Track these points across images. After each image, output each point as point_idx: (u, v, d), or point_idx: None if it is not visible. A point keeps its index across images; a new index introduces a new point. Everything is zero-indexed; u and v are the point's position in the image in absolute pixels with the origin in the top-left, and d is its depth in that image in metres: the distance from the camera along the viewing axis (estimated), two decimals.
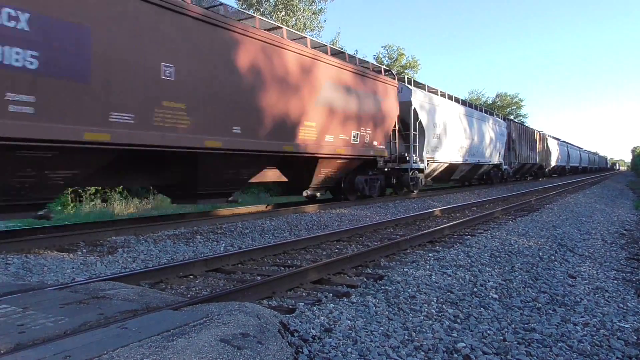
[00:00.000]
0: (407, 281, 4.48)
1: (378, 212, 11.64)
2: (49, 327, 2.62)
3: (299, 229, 8.77)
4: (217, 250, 6.65)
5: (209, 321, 2.72)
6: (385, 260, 5.87)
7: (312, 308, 3.69)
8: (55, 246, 6.41)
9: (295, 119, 9.93)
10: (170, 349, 2.26)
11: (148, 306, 3.14)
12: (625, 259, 6.41)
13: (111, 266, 5.56)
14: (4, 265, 5.26)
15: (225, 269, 5.45)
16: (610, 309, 4.03)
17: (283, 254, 6.35)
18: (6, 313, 2.87)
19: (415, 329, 3.31)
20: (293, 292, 4.46)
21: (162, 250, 6.51)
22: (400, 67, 35.01)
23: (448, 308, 3.77)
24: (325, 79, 10.88)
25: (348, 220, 10.01)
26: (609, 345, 3.22)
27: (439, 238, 7.50)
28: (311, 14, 26.11)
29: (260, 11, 24.47)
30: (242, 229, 8.39)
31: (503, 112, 48.72)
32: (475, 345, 3.05)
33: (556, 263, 5.75)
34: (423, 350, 2.97)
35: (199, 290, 4.61)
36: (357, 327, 3.28)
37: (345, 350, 2.90)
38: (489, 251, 6.12)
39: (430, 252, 6.18)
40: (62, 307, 3.02)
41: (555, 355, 2.99)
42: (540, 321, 3.61)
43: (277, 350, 2.55)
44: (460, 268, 5.13)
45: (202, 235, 7.62)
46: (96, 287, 3.67)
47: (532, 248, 6.57)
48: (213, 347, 2.34)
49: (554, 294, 4.35)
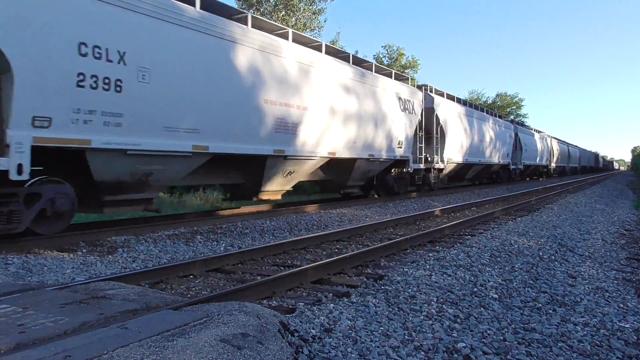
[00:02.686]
0: (407, 281, 4.48)
1: (378, 212, 11.64)
2: (49, 327, 2.62)
3: (299, 228, 8.77)
4: (217, 250, 6.64)
5: (209, 321, 2.72)
6: (385, 260, 5.87)
7: (312, 308, 3.69)
8: (55, 246, 6.40)
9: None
10: (170, 349, 2.26)
11: (148, 306, 3.14)
12: (626, 258, 6.41)
13: (111, 266, 5.56)
14: (4, 265, 5.26)
15: (225, 268, 5.44)
16: (610, 309, 4.03)
17: (283, 253, 6.34)
18: (6, 313, 2.87)
19: (415, 328, 3.31)
20: (293, 292, 4.45)
21: (162, 250, 6.51)
22: (400, 66, 34.99)
23: (448, 308, 3.77)
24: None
25: (348, 220, 10.01)
26: (609, 345, 3.22)
27: (439, 238, 7.50)
28: (311, 14, 26.08)
29: (260, 11, 24.45)
30: (242, 228, 8.39)
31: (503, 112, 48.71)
32: (475, 345, 3.05)
33: (556, 263, 5.75)
34: (423, 350, 2.97)
35: (199, 290, 4.61)
36: (357, 327, 3.28)
37: (345, 350, 2.90)
38: (489, 251, 6.12)
39: (431, 252, 6.18)
40: (62, 307, 3.02)
41: (555, 355, 2.99)
42: (540, 321, 3.61)
43: (277, 350, 2.55)
44: (461, 268, 5.13)
45: (202, 235, 7.62)
46: (96, 287, 3.66)
47: (532, 248, 6.57)
48: (213, 347, 2.34)
49: (554, 294, 4.35)
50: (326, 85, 10.98)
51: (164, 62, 7.27)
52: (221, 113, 8.29)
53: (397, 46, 36.54)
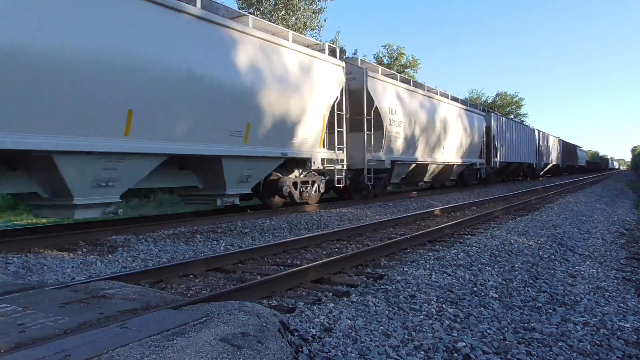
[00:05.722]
0: (407, 280, 4.47)
1: (378, 211, 11.64)
2: (49, 327, 2.62)
3: (299, 228, 8.77)
4: (217, 249, 6.64)
5: (209, 320, 2.72)
6: (385, 260, 5.87)
7: (312, 307, 3.69)
8: (55, 245, 6.40)
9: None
10: (170, 348, 2.26)
11: (148, 305, 3.14)
12: (626, 258, 6.41)
13: (111, 265, 5.56)
14: (4, 265, 5.26)
15: (225, 268, 5.44)
16: (610, 308, 4.03)
17: (283, 253, 6.34)
18: (6, 312, 2.87)
19: (415, 328, 3.31)
20: (293, 291, 4.45)
21: (162, 249, 6.51)
22: (400, 66, 34.99)
23: (448, 307, 3.77)
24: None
25: (348, 220, 10.01)
26: (609, 344, 3.22)
27: (439, 237, 7.50)
28: (311, 14, 26.07)
29: (260, 10, 24.44)
30: (242, 228, 8.39)
31: (503, 111, 48.68)
32: (475, 345, 3.05)
33: (556, 262, 5.75)
34: (423, 349, 2.97)
35: (199, 290, 4.61)
36: (357, 326, 3.27)
37: (345, 350, 2.90)
38: (489, 250, 6.12)
39: (430, 252, 6.18)
40: (62, 307, 3.02)
41: (555, 355, 2.99)
42: (540, 320, 3.60)
43: (277, 349, 2.55)
44: (460, 267, 5.13)
45: (202, 235, 7.62)
46: (96, 286, 3.66)
47: (532, 247, 6.56)
48: (213, 346, 2.34)
49: (554, 294, 4.35)
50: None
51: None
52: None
53: (397, 46, 36.58)
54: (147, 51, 7.00)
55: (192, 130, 7.88)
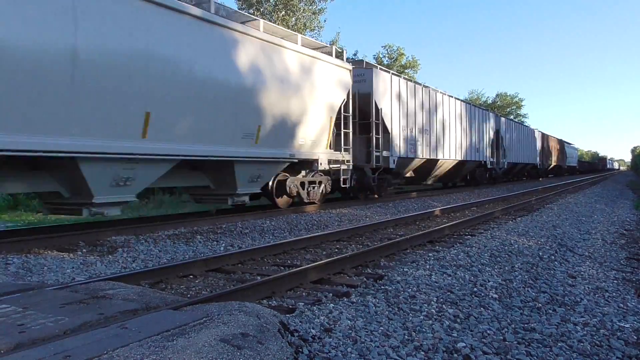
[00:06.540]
0: (407, 281, 4.47)
1: (378, 211, 11.64)
2: (49, 327, 2.62)
3: (299, 228, 8.77)
4: (217, 250, 6.64)
5: (209, 321, 2.72)
6: (385, 260, 5.87)
7: (312, 308, 3.69)
8: (55, 246, 6.41)
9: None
10: (170, 349, 2.26)
11: (148, 306, 3.14)
12: (625, 258, 6.41)
13: (111, 266, 5.56)
14: (4, 265, 5.26)
15: (225, 268, 5.44)
16: (610, 308, 4.03)
17: (283, 253, 6.34)
18: (6, 313, 2.87)
19: (415, 328, 3.31)
20: (293, 292, 4.45)
21: (162, 250, 6.51)
22: (400, 66, 35.00)
23: (448, 308, 3.77)
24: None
25: (348, 220, 10.01)
26: (609, 345, 3.22)
27: (439, 238, 7.50)
28: (311, 14, 26.09)
29: (260, 11, 24.44)
30: (242, 228, 8.39)
31: (503, 111, 48.69)
32: (475, 345, 3.05)
33: (556, 263, 5.75)
34: (423, 350, 2.97)
35: (199, 290, 4.61)
36: (357, 327, 3.27)
37: (345, 350, 2.90)
38: (489, 251, 6.12)
39: (430, 252, 6.18)
40: (62, 307, 3.02)
41: (555, 355, 2.99)
42: (540, 321, 3.60)
43: (277, 350, 2.55)
44: (460, 268, 5.13)
45: (202, 235, 7.62)
46: (96, 286, 3.66)
47: (532, 248, 6.57)
48: (213, 346, 2.34)
49: (554, 294, 4.35)
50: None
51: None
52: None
53: (397, 46, 36.61)
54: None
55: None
